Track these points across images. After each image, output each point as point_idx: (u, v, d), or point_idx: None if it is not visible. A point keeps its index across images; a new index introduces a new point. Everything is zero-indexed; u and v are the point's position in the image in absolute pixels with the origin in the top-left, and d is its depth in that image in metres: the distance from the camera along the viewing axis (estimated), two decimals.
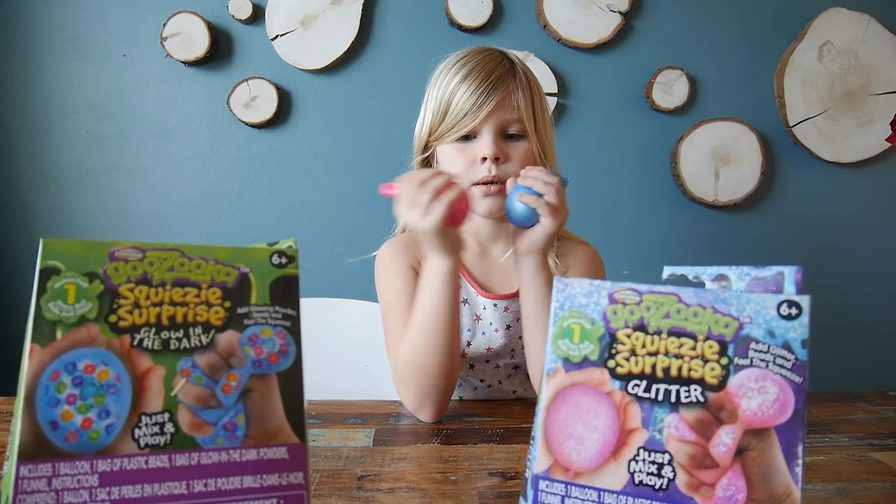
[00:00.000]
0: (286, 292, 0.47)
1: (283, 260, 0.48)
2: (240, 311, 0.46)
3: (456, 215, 0.82)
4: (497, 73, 0.95)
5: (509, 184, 0.87)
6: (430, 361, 0.87)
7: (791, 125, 1.87)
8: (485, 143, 0.93)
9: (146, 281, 0.44)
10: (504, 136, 0.96)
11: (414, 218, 0.82)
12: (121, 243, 0.44)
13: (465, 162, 0.95)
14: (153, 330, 0.43)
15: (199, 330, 0.44)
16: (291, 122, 1.83)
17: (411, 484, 0.67)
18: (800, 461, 0.41)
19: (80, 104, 1.79)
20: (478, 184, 0.94)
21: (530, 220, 0.85)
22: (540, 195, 0.83)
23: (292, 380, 0.46)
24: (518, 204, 0.84)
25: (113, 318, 0.43)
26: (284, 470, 0.44)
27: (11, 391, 1.05)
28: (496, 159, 0.93)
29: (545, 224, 0.84)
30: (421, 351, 0.87)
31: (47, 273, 0.42)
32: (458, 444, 0.79)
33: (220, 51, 1.80)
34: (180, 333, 0.44)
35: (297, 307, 0.47)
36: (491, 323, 1.02)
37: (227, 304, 0.46)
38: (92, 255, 0.43)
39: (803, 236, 1.94)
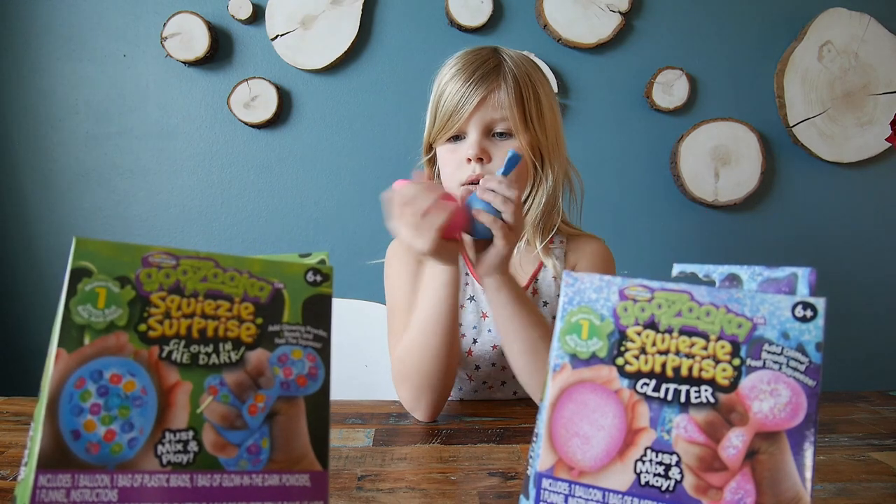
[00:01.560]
0: (319, 312, 0.46)
1: (318, 278, 0.46)
2: (271, 328, 0.45)
3: (451, 231, 0.79)
4: (481, 72, 0.94)
5: (474, 194, 0.82)
6: (427, 363, 0.87)
7: (791, 125, 1.87)
8: (469, 144, 0.93)
9: (178, 290, 0.43)
10: (492, 134, 0.95)
11: (406, 237, 0.78)
12: (155, 248, 0.43)
13: (454, 162, 0.96)
14: (183, 343, 0.42)
15: (228, 346, 0.43)
16: (291, 122, 1.83)
17: (411, 484, 0.67)
18: (810, 466, 0.41)
19: (80, 104, 1.79)
20: (464, 184, 0.95)
21: (487, 235, 0.81)
22: (501, 208, 0.78)
23: (319, 405, 0.45)
24: (476, 214, 0.80)
25: (143, 327, 0.42)
26: (305, 498, 0.43)
27: (10, 391, 1.05)
28: (479, 159, 0.93)
29: (498, 246, 0.80)
30: (419, 352, 0.87)
31: (78, 274, 0.41)
32: (458, 444, 0.79)
33: (220, 51, 1.80)
34: (210, 348, 0.43)
35: (328, 328, 0.46)
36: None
37: (259, 320, 0.44)
38: (125, 258, 0.42)
39: (803, 236, 1.94)
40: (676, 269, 0.50)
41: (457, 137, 0.96)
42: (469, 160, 0.93)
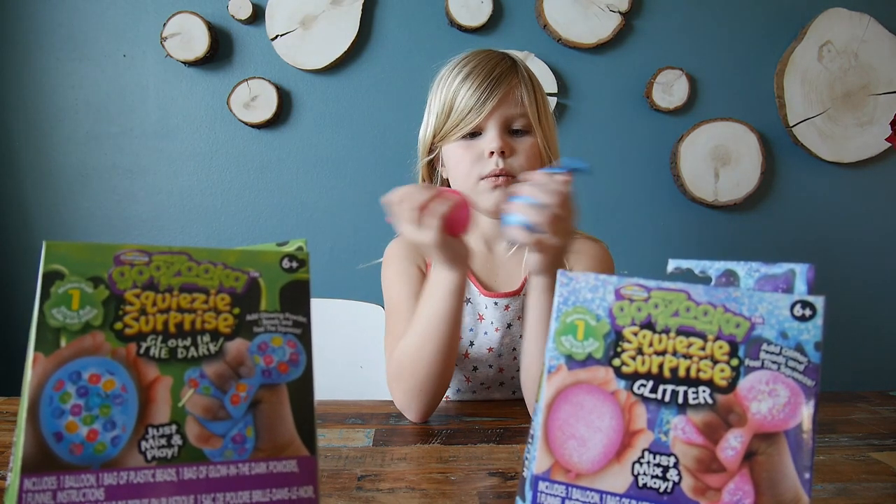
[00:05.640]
0: (296, 298, 0.46)
1: (294, 264, 0.46)
2: (249, 318, 0.44)
3: (455, 225, 0.78)
4: (500, 70, 0.96)
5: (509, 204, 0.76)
6: (424, 367, 0.86)
7: (791, 125, 1.87)
8: (490, 138, 0.94)
9: (153, 286, 0.43)
10: (509, 131, 0.96)
11: (409, 233, 0.78)
12: (126, 246, 0.43)
13: (471, 158, 0.96)
14: (160, 338, 0.42)
15: (207, 338, 0.43)
16: (291, 122, 1.83)
17: (411, 484, 0.67)
18: (809, 467, 0.40)
19: (80, 104, 1.79)
20: (486, 178, 0.95)
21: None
22: (535, 220, 0.72)
23: (302, 390, 0.45)
24: (507, 231, 0.75)
25: (118, 326, 0.42)
26: (294, 484, 0.43)
27: (11, 391, 1.05)
28: (502, 153, 0.94)
29: (535, 257, 0.77)
30: (417, 356, 0.87)
31: (51, 278, 0.41)
32: (458, 444, 0.79)
33: (220, 51, 1.79)
34: (188, 341, 0.43)
35: (307, 314, 0.46)
36: (492, 322, 1.02)
37: (236, 310, 0.44)
38: (97, 258, 0.42)
39: (803, 236, 1.94)
40: (672, 264, 0.49)
41: (471, 135, 0.97)
42: (491, 153, 0.94)
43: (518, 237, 0.74)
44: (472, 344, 1.03)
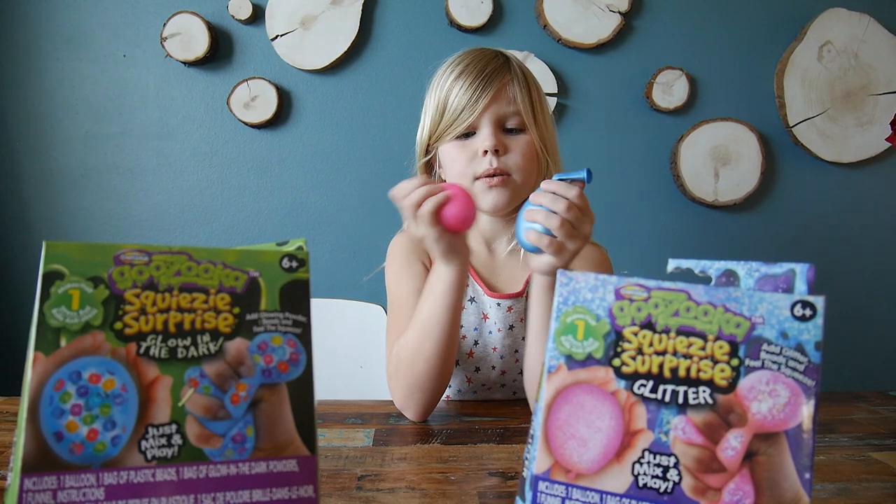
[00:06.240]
0: (296, 298, 0.46)
1: (294, 264, 0.46)
2: (249, 317, 0.45)
3: (455, 222, 0.78)
4: (491, 68, 0.95)
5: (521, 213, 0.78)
6: (422, 363, 0.86)
7: (791, 125, 1.87)
8: (484, 136, 0.94)
9: (152, 286, 0.43)
10: (503, 130, 0.96)
11: (411, 227, 0.80)
12: (126, 246, 0.43)
13: (465, 157, 0.95)
14: (160, 337, 0.42)
15: (207, 337, 0.43)
16: (291, 122, 1.83)
17: (411, 484, 0.67)
18: (810, 467, 0.40)
19: (80, 104, 1.79)
20: (480, 177, 0.95)
21: (537, 250, 0.78)
22: (548, 226, 0.74)
23: (303, 389, 0.45)
24: (525, 236, 0.76)
25: (118, 325, 0.42)
26: (294, 483, 0.43)
27: (11, 391, 1.05)
28: (496, 151, 0.93)
29: (548, 258, 0.77)
30: (415, 352, 0.87)
31: (51, 278, 0.41)
32: (458, 444, 0.79)
33: (220, 51, 1.79)
34: (188, 341, 0.43)
35: (307, 313, 0.46)
36: (495, 323, 1.02)
37: (236, 310, 0.44)
38: (96, 258, 0.42)
39: (803, 236, 1.94)
40: (672, 264, 0.49)
41: (466, 135, 0.96)
42: (485, 152, 0.93)
43: (534, 241, 0.75)
44: (476, 343, 1.03)
